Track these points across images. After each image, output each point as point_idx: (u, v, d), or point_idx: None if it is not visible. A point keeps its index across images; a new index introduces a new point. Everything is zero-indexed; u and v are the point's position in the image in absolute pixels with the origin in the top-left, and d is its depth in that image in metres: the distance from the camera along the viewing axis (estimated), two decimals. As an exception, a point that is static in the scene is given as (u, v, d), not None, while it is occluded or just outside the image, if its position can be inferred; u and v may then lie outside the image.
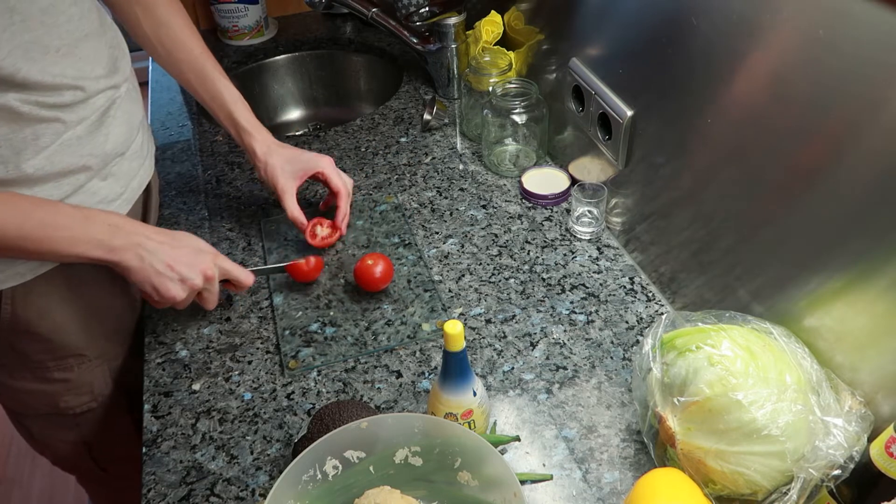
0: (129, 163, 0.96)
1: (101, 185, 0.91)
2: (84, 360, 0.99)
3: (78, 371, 0.99)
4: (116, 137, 0.92)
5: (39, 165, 0.82)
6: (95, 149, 0.88)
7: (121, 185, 0.94)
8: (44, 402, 1.01)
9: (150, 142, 1.06)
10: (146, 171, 1.02)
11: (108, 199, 0.92)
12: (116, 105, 0.92)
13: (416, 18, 1.37)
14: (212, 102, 1.04)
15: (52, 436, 1.09)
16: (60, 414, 1.02)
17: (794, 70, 0.67)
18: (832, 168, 0.66)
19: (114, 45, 0.93)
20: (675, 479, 0.68)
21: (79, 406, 1.02)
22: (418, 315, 0.96)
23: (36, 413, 1.04)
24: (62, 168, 0.84)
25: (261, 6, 1.60)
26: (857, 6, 0.58)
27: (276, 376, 0.89)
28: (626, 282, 1.00)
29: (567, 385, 0.86)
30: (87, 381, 1.01)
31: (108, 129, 0.90)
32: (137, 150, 0.98)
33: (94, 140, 0.88)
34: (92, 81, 0.86)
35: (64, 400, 1.01)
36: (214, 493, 0.77)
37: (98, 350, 1.00)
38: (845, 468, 0.62)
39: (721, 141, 0.79)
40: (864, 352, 0.67)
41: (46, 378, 0.98)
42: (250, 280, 0.95)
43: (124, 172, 0.95)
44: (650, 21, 0.87)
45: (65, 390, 1.00)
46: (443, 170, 1.23)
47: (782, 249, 0.74)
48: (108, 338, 1.01)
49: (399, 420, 0.70)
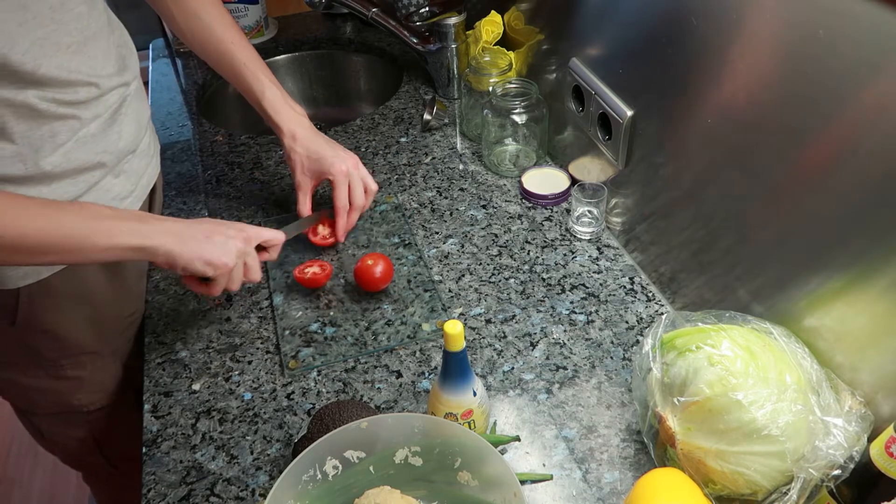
0: (139, 160, 0.97)
1: (114, 183, 0.91)
2: (98, 357, 0.99)
3: (92, 368, 0.99)
4: (128, 135, 0.93)
5: (57, 162, 0.82)
6: (109, 146, 0.89)
7: (132, 183, 0.95)
8: (56, 399, 1.01)
9: (156, 140, 1.07)
10: (154, 169, 1.03)
11: (121, 196, 0.93)
12: (127, 103, 0.93)
13: (416, 18, 1.37)
14: (245, 95, 1.03)
15: (62, 433, 1.08)
16: (73, 412, 1.03)
17: (794, 70, 0.67)
18: (832, 168, 0.66)
19: (121, 44, 0.94)
20: (675, 479, 0.68)
21: (92, 404, 1.03)
22: (418, 315, 0.96)
23: (46, 411, 1.04)
24: (78, 165, 0.85)
25: (261, 6, 1.60)
26: (857, 6, 0.58)
27: (276, 376, 0.89)
28: (626, 282, 1.00)
29: (567, 385, 0.86)
30: (101, 379, 1.01)
31: (120, 126, 0.91)
32: (146, 148, 0.99)
33: (108, 137, 0.89)
34: (104, 79, 0.87)
35: (77, 398, 1.01)
36: (214, 493, 0.77)
37: (111, 347, 1.00)
38: (845, 468, 0.62)
39: (721, 141, 0.79)
40: (864, 352, 0.67)
41: (60, 376, 0.98)
42: (282, 236, 0.92)
43: (135, 170, 0.96)
44: (650, 21, 0.87)
45: (78, 388, 1.00)
46: (443, 170, 1.23)
47: (782, 249, 0.74)
48: (121, 334, 1.01)
49: (399, 420, 0.70)
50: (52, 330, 0.93)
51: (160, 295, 1.01)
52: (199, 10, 1.00)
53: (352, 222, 1.04)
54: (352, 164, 1.01)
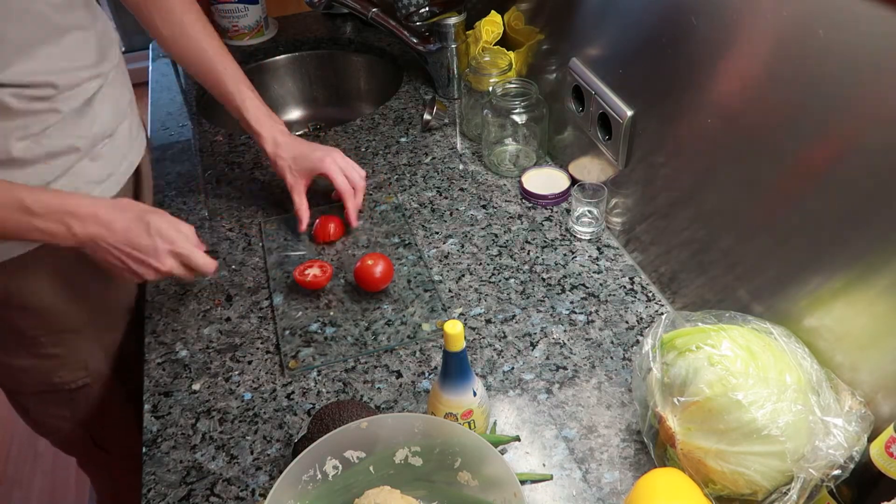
0: (117, 145, 0.99)
1: (90, 167, 0.93)
2: (78, 335, 1.01)
3: (71, 346, 1.01)
4: (104, 120, 0.94)
5: (28, 147, 0.84)
6: (83, 130, 0.91)
7: (110, 167, 0.97)
8: (39, 378, 1.03)
9: (140, 126, 1.09)
10: (136, 154, 1.05)
11: (96, 180, 0.95)
12: (103, 90, 0.94)
13: (416, 18, 1.37)
14: (227, 104, 1.07)
15: (48, 412, 1.11)
16: (56, 390, 1.05)
17: (794, 70, 0.67)
18: (832, 168, 0.66)
19: (102, 35, 0.95)
20: (675, 479, 0.68)
21: (73, 381, 1.05)
22: (418, 315, 0.96)
23: (31, 390, 1.07)
24: (50, 150, 0.87)
25: (261, 6, 1.60)
26: (857, 6, 0.58)
27: (276, 376, 0.89)
28: (626, 282, 1.00)
29: (567, 385, 0.86)
30: (81, 357, 1.03)
31: (94, 112, 0.92)
32: (126, 133, 1.01)
33: (82, 122, 0.90)
34: (81, 71, 0.89)
35: (59, 375, 1.03)
36: (214, 493, 0.77)
37: (91, 325, 1.02)
38: (845, 468, 0.62)
39: (721, 141, 0.79)
40: (864, 352, 0.67)
41: (41, 354, 1.00)
42: (212, 268, 0.93)
43: (113, 154, 0.97)
44: (650, 21, 0.87)
45: (59, 365, 1.02)
46: (443, 170, 1.23)
47: (782, 249, 0.74)
48: (102, 314, 1.03)
49: (399, 420, 0.70)
50: (31, 307, 0.95)
51: (160, 295, 1.01)
52: (183, 20, 1.03)
53: (357, 203, 1.08)
54: (337, 155, 1.07)
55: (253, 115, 1.05)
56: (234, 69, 1.06)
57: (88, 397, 1.08)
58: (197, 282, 1.02)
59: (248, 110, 1.05)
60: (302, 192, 1.07)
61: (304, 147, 1.07)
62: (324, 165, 1.06)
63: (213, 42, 1.05)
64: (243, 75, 1.07)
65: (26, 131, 0.83)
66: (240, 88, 1.05)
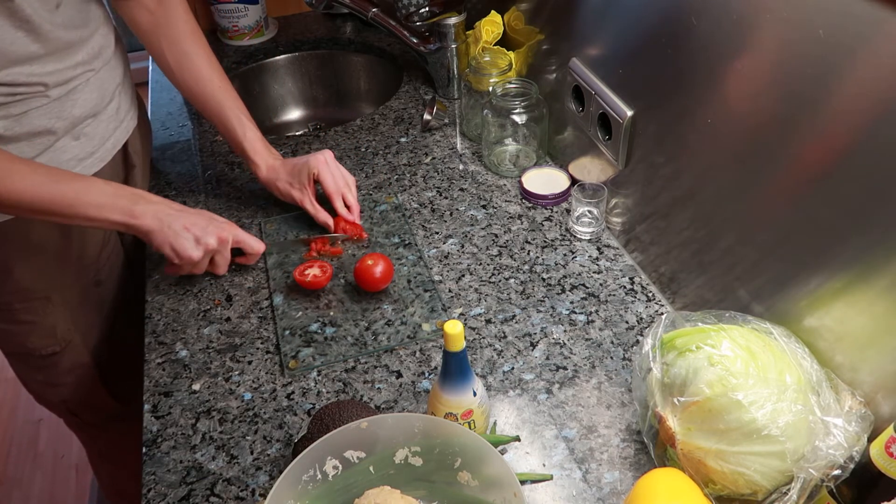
0: (103, 124, 1.02)
1: (73, 144, 0.97)
2: (49, 303, 1.05)
3: (43, 314, 1.06)
4: (87, 102, 0.98)
5: (8, 126, 0.89)
6: (63, 112, 0.94)
7: (93, 145, 1.01)
8: (14, 341, 1.10)
9: (132, 104, 1.12)
10: (123, 132, 1.08)
11: (79, 157, 0.99)
12: (90, 80, 0.98)
13: (416, 18, 1.37)
14: (225, 133, 1.11)
15: (25, 373, 1.18)
16: (29, 354, 1.10)
17: (794, 70, 0.67)
18: (832, 168, 0.66)
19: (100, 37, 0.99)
20: (675, 479, 0.68)
21: (43, 348, 1.09)
22: (418, 315, 0.96)
23: (8, 351, 1.13)
24: (30, 129, 0.91)
25: (261, 6, 1.60)
26: (857, 6, 0.58)
27: (276, 376, 0.89)
28: (626, 282, 1.00)
29: (567, 385, 0.86)
30: (51, 325, 1.08)
31: (76, 97, 0.96)
32: (113, 113, 1.05)
33: (62, 106, 0.94)
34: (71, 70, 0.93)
35: (31, 341, 1.08)
36: (214, 493, 0.77)
37: (61, 294, 1.06)
38: (845, 468, 0.62)
39: (721, 141, 0.79)
40: (864, 352, 0.67)
41: (15, 320, 1.06)
42: (261, 248, 1.02)
43: (98, 133, 1.01)
44: (650, 21, 0.88)
45: (31, 332, 1.07)
46: (443, 170, 1.23)
47: (782, 249, 0.74)
48: (70, 286, 1.08)
49: (399, 420, 0.70)
50: (4, 273, 0.99)
51: (160, 295, 1.01)
52: (190, 50, 1.07)
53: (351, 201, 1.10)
54: (328, 155, 1.10)
55: (251, 146, 1.09)
56: (235, 99, 1.10)
57: (57, 364, 1.13)
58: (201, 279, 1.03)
59: (248, 140, 1.09)
60: (312, 198, 1.09)
61: (295, 161, 1.10)
62: (315, 165, 1.07)
63: (217, 73, 1.09)
64: (244, 106, 1.11)
65: (8, 112, 0.87)
66: (241, 120, 1.09)
